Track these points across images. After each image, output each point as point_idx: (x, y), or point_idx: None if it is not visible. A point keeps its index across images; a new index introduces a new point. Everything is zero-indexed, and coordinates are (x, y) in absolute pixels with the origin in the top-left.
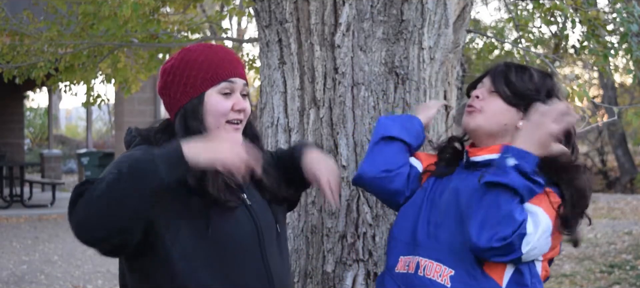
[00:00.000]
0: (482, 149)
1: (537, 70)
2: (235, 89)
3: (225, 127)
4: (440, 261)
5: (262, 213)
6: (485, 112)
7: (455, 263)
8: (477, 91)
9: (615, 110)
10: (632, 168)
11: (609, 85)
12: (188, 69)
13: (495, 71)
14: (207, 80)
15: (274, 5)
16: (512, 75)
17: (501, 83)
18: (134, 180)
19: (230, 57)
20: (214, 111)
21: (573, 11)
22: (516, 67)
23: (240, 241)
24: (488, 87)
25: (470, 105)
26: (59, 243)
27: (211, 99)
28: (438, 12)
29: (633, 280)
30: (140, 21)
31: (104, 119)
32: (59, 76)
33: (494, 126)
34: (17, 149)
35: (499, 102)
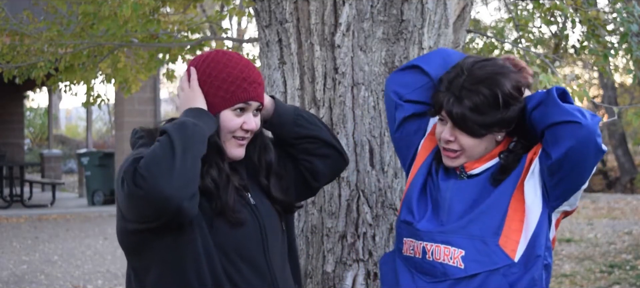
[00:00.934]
0: (478, 162)
1: (486, 83)
2: (249, 109)
3: (231, 141)
4: (447, 243)
5: (267, 213)
6: (464, 150)
7: (464, 242)
8: (445, 134)
9: (615, 110)
10: (632, 168)
11: (609, 85)
12: (208, 85)
13: (450, 106)
14: (226, 100)
15: (274, 5)
16: (468, 111)
17: (463, 123)
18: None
19: (252, 77)
20: (224, 127)
21: (573, 11)
22: (468, 92)
23: (243, 242)
24: (451, 124)
25: (446, 149)
26: (59, 243)
27: (224, 116)
28: (438, 12)
29: (633, 280)
30: (140, 21)
31: (104, 119)
32: (59, 76)
33: (477, 154)
34: (17, 149)
35: (470, 139)
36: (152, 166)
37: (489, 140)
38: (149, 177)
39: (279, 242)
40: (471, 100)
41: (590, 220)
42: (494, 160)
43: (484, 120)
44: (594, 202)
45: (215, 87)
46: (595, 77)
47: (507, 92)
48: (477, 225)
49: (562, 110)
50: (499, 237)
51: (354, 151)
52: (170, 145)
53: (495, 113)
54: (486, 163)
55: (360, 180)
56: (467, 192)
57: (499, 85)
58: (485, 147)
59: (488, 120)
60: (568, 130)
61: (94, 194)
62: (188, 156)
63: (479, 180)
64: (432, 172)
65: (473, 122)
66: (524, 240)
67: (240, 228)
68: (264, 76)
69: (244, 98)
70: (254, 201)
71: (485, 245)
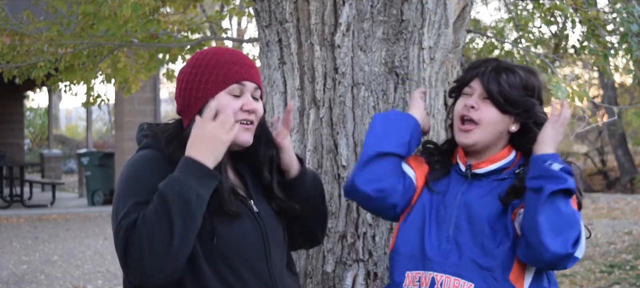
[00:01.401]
0: (485, 161)
1: (523, 70)
2: (245, 91)
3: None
4: (458, 276)
5: (270, 221)
6: (481, 124)
7: (475, 276)
8: (471, 100)
9: (615, 110)
10: (632, 168)
11: (609, 85)
12: (200, 74)
13: (487, 76)
14: (218, 83)
15: (274, 5)
16: (504, 82)
17: (495, 91)
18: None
19: (242, 60)
20: (223, 111)
21: (573, 11)
22: (505, 69)
23: (245, 250)
24: (480, 93)
25: (465, 115)
26: (59, 243)
27: (221, 100)
28: (438, 12)
29: (633, 280)
30: (140, 21)
31: (104, 119)
32: (59, 76)
33: (490, 137)
34: (17, 149)
35: (494, 111)
36: (145, 246)
37: (504, 125)
38: (140, 260)
39: (280, 251)
40: (507, 75)
41: (590, 220)
42: (500, 163)
43: (514, 94)
44: (594, 202)
45: (206, 74)
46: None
47: (540, 85)
48: (488, 258)
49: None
50: (510, 272)
51: (354, 151)
52: (169, 227)
53: (526, 96)
54: (492, 165)
55: None
56: (475, 208)
57: (535, 74)
58: (499, 132)
59: (517, 98)
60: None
61: (94, 194)
62: (185, 240)
63: (486, 193)
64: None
65: (504, 92)
66: (530, 272)
67: (241, 233)
68: (264, 76)
69: (236, 78)
70: (257, 209)
71: (494, 280)
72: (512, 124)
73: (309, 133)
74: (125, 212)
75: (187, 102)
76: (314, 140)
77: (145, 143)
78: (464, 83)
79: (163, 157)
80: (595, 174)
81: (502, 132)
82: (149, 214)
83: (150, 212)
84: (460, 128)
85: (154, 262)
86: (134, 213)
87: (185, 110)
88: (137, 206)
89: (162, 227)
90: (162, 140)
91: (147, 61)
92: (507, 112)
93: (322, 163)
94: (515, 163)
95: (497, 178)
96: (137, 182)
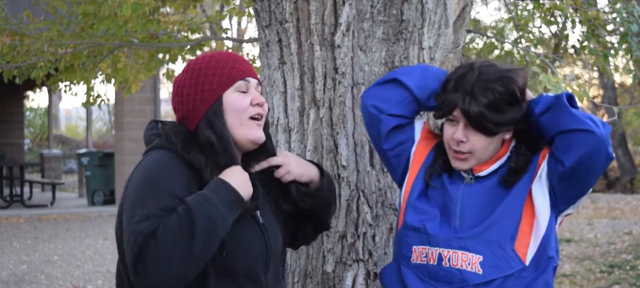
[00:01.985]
0: (486, 163)
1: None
2: (250, 86)
3: (249, 123)
4: (464, 249)
5: (273, 233)
6: (475, 152)
7: (481, 248)
8: (458, 134)
9: (615, 110)
10: (632, 168)
11: (609, 85)
12: (202, 77)
13: (466, 104)
14: (223, 82)
15: (274, 5)
16: (484, 107)
17: (480, 120)
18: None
19: (240, 58)
20: (234, 108)
21: (573, 11)
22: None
23: (249, 261)
24: (465, 123)
25: (457, 151)
26: (59, 243)
27: (230, 98)
28: (438, 12)
29: (633, 280)
30: (140, 21)
31: (104, 119)
32: (59, 76)
33: (486, 156)
34: (17, 149)
35: (482, 138)
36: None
37: (498, 139)
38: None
39: (277, 263)
40: (487, 98)
41: (590, 220)
42: (501, 161)
43: (499, 118)
44: (594, 202)
45: (209, 75)
46: (595, 77)
47: (521, 87)
48: (494, 231)
49: (575, 118)
50: (515, 241)
51: (354, 151)
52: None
53: (510, 110)
54: (494, 165)
55: (360, 180)
56: (479, 198)
57: (513, 81)
58: (494, 147)
59: (503, 118)
60: (582, 139)
61: (94, 194)
62: (201, 261)
63: (489, 184)
64: (434, 177)
65: (489, 120)
66: (534, 243)
67: (247, 244)
68: (264, 76)
69: (241, 75)
70: (263, 220)
71: (502, 250)
72: (505, 134)
73: (309, 133)
74: (142, 217)
75: (191, 106)
76: (314, 140)
77: (159, 143)
78: (447, 112)
79: (178, 158)
80: None
81: (496, 147)
82: (171, 227)
83: (172, 225)
84: (454, 156)
85: (167, 275)
86: (153, 220)
87: (189, 114)
88: (156, 212)
89: (183, 243)
90: (178, 143)
91: (147, 61)
92: (495, 134)
93: (322, 164)
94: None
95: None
96: (156, 186)
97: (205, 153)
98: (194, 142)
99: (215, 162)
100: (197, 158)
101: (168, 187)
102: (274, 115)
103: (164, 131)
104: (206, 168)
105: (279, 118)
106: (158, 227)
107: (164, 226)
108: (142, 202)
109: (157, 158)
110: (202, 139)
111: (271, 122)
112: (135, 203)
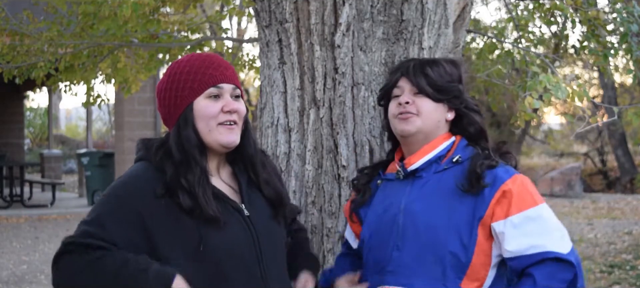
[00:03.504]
0: (416, 155)
1: (444, 60)
2: (223, 92)
3: (218, 129)
4: (408, 286)
5: (264, 224)
6: (421, 114)
7: (424, 282)
8: (404, 97)
9: (615, 110)
10: (632, 168)
11: (609, 85)
12: (176, 83)
13: (412, 72)
14: (194, 89)
15: (274, 5)
16: (430, 74)
17: (424, 84)
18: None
19: (217, 63)
20: (202, 115)
21: (573, 11)
22: (428, 63)
23: (234, 253)
24: (410, 89)
25: (403, 112)
26: (59, 243)
27: (199, 105)
28: (438, 12)
29: (633, 280)
30: (140, 21)
31: (104, 119)
32: (59, 76)
33: (430, 125)
34: (17, 149)
35: (428, 102)
36: (67, 277)
37: (441, 111)
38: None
39: (279, 253)
40: (432, 68)
41: (590, 220)
42: (435, 152)
43: (440, 80)
44: (594, 202)
45: (183, 81)
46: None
47: (459, 67)
48: (439, 264)
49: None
50: (461, 281)
51: (354, 151)
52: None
53: (450, 79)
54: (426, 157)
55: None
56: (421, 219)
57: (453, 61)
58: (437, 119)
59: (444, 82)
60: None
61: (94, 194)
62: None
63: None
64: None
65: (434, 83)
66: (491, 275)
67: (230, 238)
68: (264, 76)
69: (212, 82)
70: (249, 213)
71: (444, 285)
72: (447, 112)
73: (309, 133)
74: (89, 221)
75: (168, 110)
76: (314, 140)
77: (139, 155)
78: (392, 86)
79: (152, 166)
80: (595, 174)
81: (439, 120)
82: (97, 260)
83: (100, 261)
84: (400, 118)
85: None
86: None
87: (167, 119)
88: (101, 228)
89: (94, 281)
90: (158, 154)
91: (147, 61)
92: (439, 100)
93: (322, 164)
94: (454, 149)
95: (437, 170)
96: (118, 204)
97: (168, 155)
98: (163, 147)
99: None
100: (163, 162)
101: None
102: (274, 115)
103: (144, 144)
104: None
105: (279, 118)
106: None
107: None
108: (100, 209)
109: (131, 171)
110: (168, 143)
111: (271, 122)
112: (97, 206)
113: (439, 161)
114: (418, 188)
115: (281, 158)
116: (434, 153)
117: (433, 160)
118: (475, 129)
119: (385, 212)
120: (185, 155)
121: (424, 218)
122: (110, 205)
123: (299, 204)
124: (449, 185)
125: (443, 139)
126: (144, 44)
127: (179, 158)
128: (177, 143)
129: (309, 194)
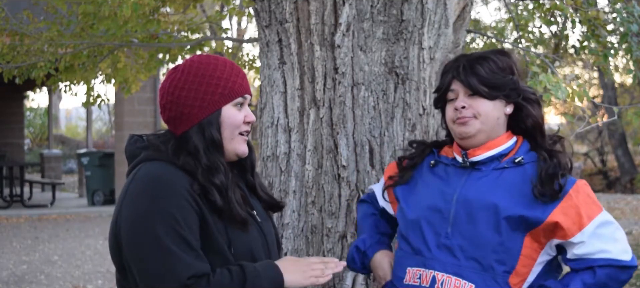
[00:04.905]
0: (480, 148)
1: (493, 53)
2: (245, 102)
3: (238, 138)
4: (458, 275)
5: (268, 228)
6: (479, 116)
7: (475, 276)
8: (459, 102)
9: (615, 110)
10: (632, 168)
11: (609, 85)
12: (204, 85)
13: (462, 74)
14: (225, 95)
15: (274, 5)
16: (481, 72)
17: (477, 83)
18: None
19: (241, 72)
20: (230, 123)
21: (573, 11)
22: (477, 60)
23: (254, 257)
24: (464, 92)
25: (460, 117)
26: (59, 243)
27: (228, 112)
28: (438, 12)
29: (633, 280)
30: (140, 21)
31: (104, 119)
32: (59, 76)
33: (490, 124)
34: (17, 149)
35: (484, 102)
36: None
37: (500, 108)
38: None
39: (276, 257)
40: (480, 64)
41: None
42: (498, 149)
43: (495, 78)
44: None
45: (212, 85)
46: (595, 77)
47: (512, 58)
48: (488, 256)
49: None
50: (510, 275)
51: (354, 151)
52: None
53: (503, 74)
54: (489, 151)
55: (360, 180)
56: (475, 207)
57: (503, 52)
58: (497, 116)
59: (498, 79)
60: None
61: (94, 194)
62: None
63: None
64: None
65: (487, 81)
66: (531, 276)
67: (251, 242)
68: (264, 76)
69: (242, 92)
70: (260, 218)
71: (495, 282)
72: (505, 107)
73: (309, 133)
74: (188, 262)
75: (187, 110)
76: (314, 140)
77: (149, 155)
78: (445, 89)
79: (171, 166)
80: (595, 174)
81: (499, 117)
82: (224, 280)
83: (226, 280)
84: (459, 121)
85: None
86: (198, 265)
87: (182, 117)
88: (194, 253)
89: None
90: (169, 151)
91: (147, 61)
92: (495, 97)
93: (322, 164)
94: (516, 150)
95: (497, 167)
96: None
97: (193, 157)
98: (182, 147)
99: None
100: (189, 163)
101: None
102: (274, 115)
103: (150, 142)
104: (197, 169)
105: (279, 118)
106: (209, 274)
107: (217, 276)
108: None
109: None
110: (190, 144)
111: (271, 122)
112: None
113: (500, 159)
114: (475, 180)
115: (281, 159)
116: (497, 150)
117: (495, 157)
118: (532, 122)
119: (436, 196)
120: (213, 157)
121: (477, 210)
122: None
123: (299, 204)
124: (507, 183)
125: (506, 138)
126: (144, 44)
127: (206, 160)
128: (204, 145)
129: (309, 194)
